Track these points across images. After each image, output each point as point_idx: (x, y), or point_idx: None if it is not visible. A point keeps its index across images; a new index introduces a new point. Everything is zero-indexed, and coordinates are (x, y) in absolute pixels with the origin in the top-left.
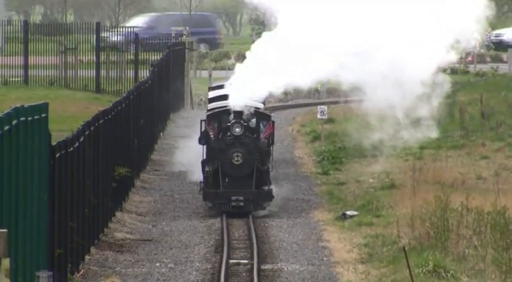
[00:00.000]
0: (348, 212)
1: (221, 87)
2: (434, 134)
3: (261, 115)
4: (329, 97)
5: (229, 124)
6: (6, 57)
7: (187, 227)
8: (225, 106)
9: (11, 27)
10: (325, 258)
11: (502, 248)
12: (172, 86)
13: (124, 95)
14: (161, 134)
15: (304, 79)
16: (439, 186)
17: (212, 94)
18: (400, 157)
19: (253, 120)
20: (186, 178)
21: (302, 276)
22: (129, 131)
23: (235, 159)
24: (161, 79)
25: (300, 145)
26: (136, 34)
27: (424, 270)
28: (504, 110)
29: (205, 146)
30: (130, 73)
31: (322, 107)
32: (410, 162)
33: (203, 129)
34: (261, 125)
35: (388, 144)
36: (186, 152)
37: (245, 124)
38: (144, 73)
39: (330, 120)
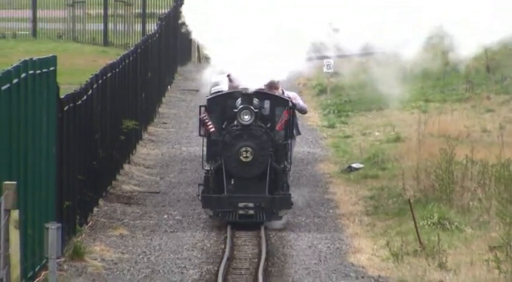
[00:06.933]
0: (354, 165)
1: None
2: None
3: (277, 99)
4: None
5: (235, 111)
6: (14, 10)
7: (194, 179)
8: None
9: None
10: (331, 211)
11: (506, 200)
12: (179, 39)
13: (132, 49)
14: (169, 87)
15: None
16: (444, 139)
17: (217, 79)
18: (406, 110)
19: (267, 106)
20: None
21: (308, 228)
22: (136, 84)
23: (244, 155)
24: (169, 33)
25: (306, 98)
26: None
27: (429, 222)
28: (509, 64)
29: (205, 139)
30: (138, 26)
31: (329, 60)
32: (416, 115)
33: (204, 116)
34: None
35: (394, 97)
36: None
37: (256, 110)
38: (152, 27)
39: (336, 74)
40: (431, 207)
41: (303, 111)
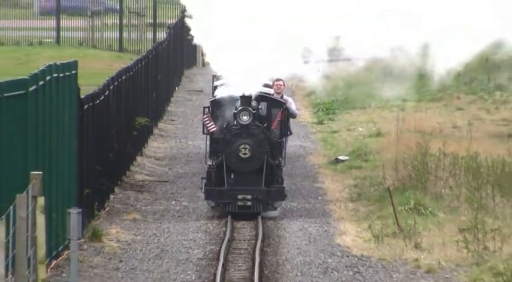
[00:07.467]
0: (340, 157)
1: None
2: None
3: (273, 101)
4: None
5: (235, 111)
6: (41, 20)
7: (199, 170)
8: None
9: None
10: (319, 197)
11: (473, 188)
12: (185, 45)
13: (144, 54)
14: (176, 88)
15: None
16: (419, 134)
17: (218, 82)
18: (386, 109)
19: (264, 108)
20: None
21: (300, 213)
22: (148, 86)
23: (243, 152)
24: (176, 40)
25: (298, 98)
26: (155, 1)
27: (406, 208)
28: (477, 68)
29: (208, 137)
30: (149, 35)
31: (319, 63)
32: (395, 113)
33: (205, 117)
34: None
35: (375, 97)
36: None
37: (254, 111)
38: (162, 35)
39: (326, 76)
40: (408, 194)
41: (293, 116)
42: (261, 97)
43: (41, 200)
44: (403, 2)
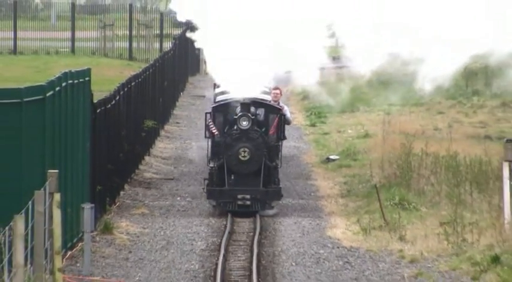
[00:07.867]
0: (331, 156)
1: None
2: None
3: (270, 108)
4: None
5: (235, 117)
6: (57, 31)
7: (202, 168)
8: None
9: (61, 7)
10: (312, 194)
11: (453, 185)
12: (190, 54)
13: (151, 62)
14: (181, 93)
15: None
16: (403, 136)
17: (218, 90)
18: (373, 112)
19: (262, 113)
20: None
21: (294, 208)
22: (155, 91)
23: (242, 155)
24: (181, 49)
25: (292, 102)
26: (161, 13)
27: (391, 203)
28: (456, 75)
29: (210, 140)
30: (157, 45)
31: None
32: (381, 116)
33: (207, 122)
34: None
35: (363, 102)
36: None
37: (253, 117)
38: (168, 45)
39: (318, 82)
40: (393, 191)
41: (288, 122)
42: (259, 103)
43: (57, 196)
44: (397, 15)
